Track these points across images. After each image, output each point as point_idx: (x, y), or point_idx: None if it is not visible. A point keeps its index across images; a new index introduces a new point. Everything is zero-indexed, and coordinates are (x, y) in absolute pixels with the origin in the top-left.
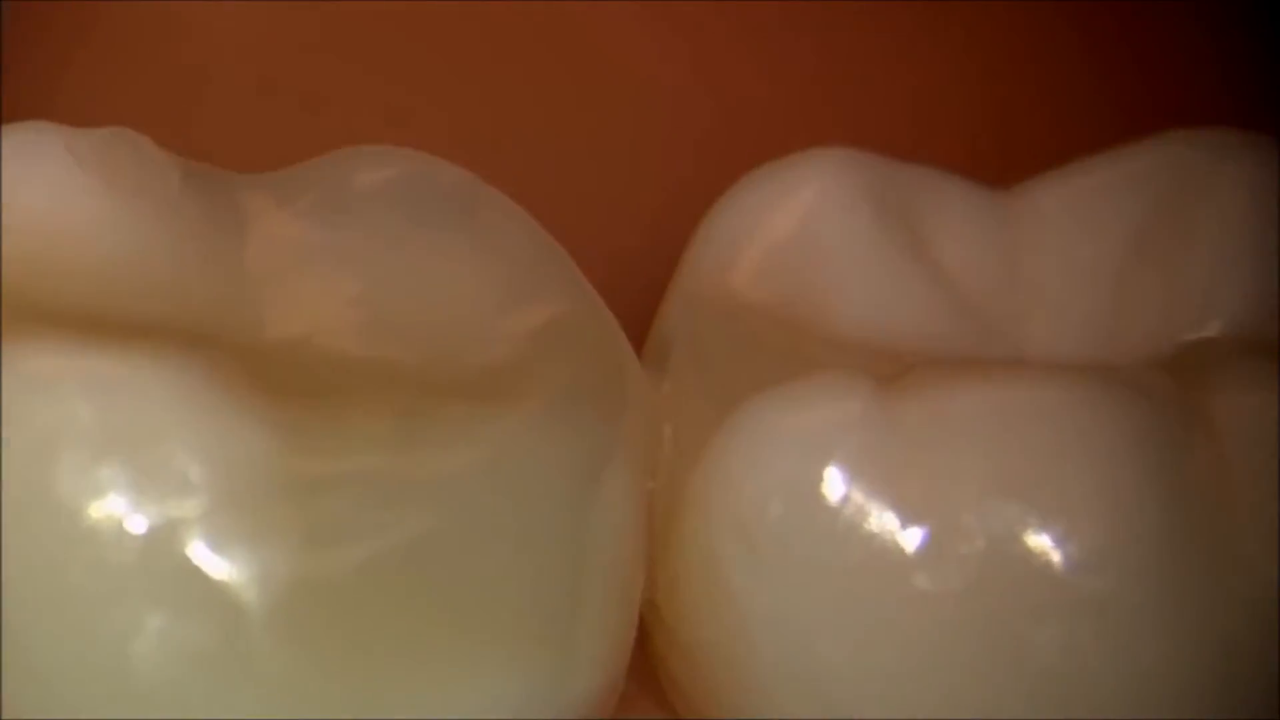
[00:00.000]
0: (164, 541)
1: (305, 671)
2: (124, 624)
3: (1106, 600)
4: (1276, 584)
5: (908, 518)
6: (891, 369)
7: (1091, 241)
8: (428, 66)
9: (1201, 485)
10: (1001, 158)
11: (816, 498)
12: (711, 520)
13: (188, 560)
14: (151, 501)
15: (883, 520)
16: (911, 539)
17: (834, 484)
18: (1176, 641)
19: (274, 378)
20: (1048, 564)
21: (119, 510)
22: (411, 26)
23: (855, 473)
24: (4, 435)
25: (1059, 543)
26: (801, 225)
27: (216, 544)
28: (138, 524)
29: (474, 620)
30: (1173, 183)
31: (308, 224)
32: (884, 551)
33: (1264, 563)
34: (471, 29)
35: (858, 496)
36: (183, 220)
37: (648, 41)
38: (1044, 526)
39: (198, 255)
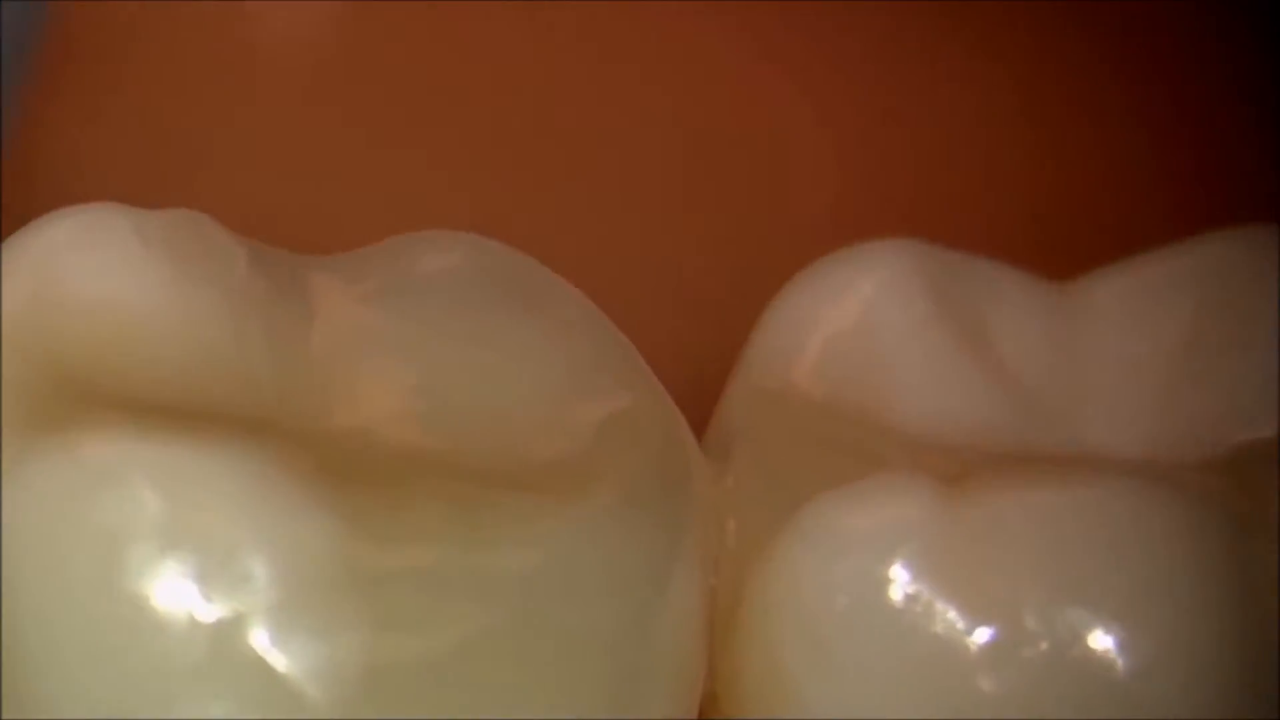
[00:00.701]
0: (229, 634)
1: None
2: (190, 717)
3: (1166, 707)
4: None
5: (972, 618)
6: (953, 466)
7: (1145, 339)
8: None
9: (1262, 590)
10: (1063, 246)
11: (881, 596)
12: (774, 616)
13: (253, 653)
14: (217, 594)
15: (947, 620)
16: (976, 640)
17: (898, 583)
18: None
19: (337, 466)
20: (1109, 668)
21: (185, 603)
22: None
23: (919, 572)
24: (69, 526)
25: (1120, 647)
26: (861, 318)
27: (282, 636)
28: (204, 616)
29: (533, 715)
30: (1225, 281)
31: (372, 309)
32: (948, 652)
33: None
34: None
35: (922, 596)
36: (249, 304)
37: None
38: (1106, 630)
39: (263, 340)
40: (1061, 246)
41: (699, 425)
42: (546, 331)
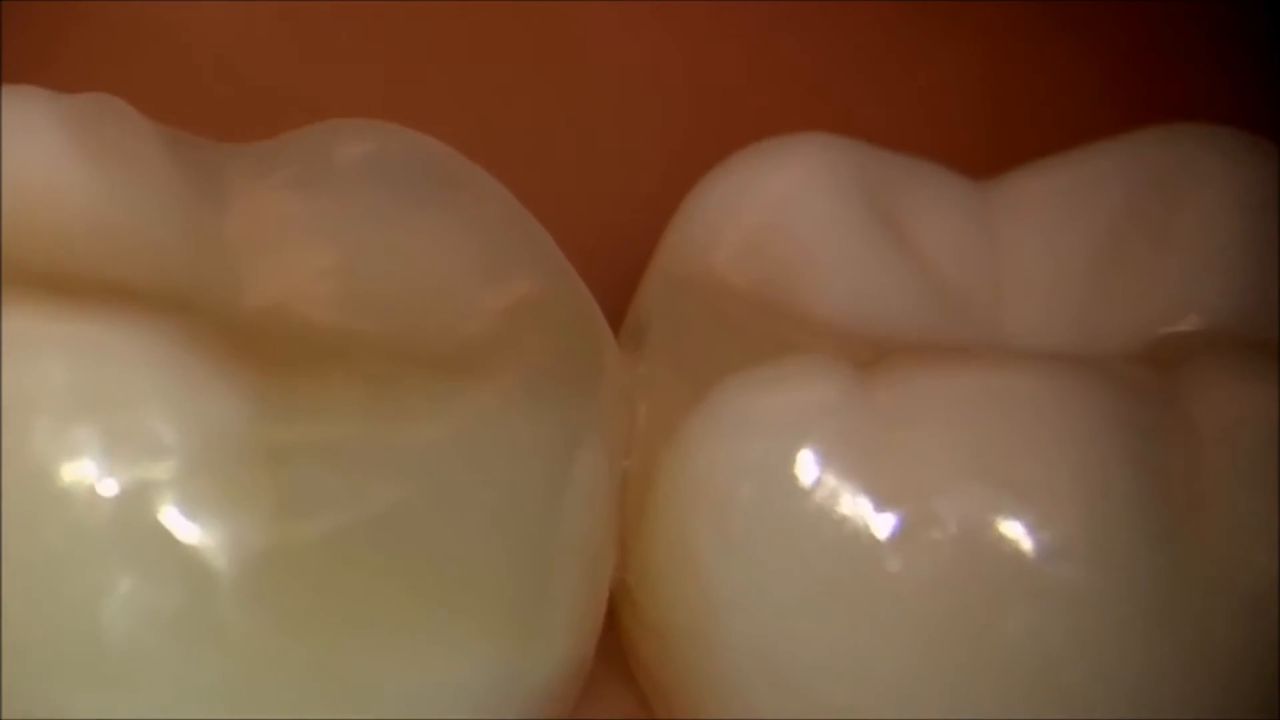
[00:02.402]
0: (136, 505)
1: (272, 639)
2: (94, 586)
3: (1077, 590)
4: (1245, 579)
5: (881, 502)
6: (869, 354)
7: (1070, 233)
8: (410, 52)
9: (1177, 478)
10: (991, 151)
11: (790, 480)
12: (684, 500)
13: (159, 524)
14: (124, 464)
15: (856, 504)
16: (884, 523)
17: (808, 467)
18: (1147, 634)
19: (250, 345)
20: (1019, 551)
21: (91, 473)
22: (393, 17)
23: (830, 456)
24: None
25: (1031, 530)
26: (782, 208)
27: (188, 508)
28: (109, 486)
29: (442, 594)
30: (1152, 177)
31: (288, 195)
32: (856, 535)
33: (1238, 558)
34: (455, 17)
35: (831, 480)
36: (164, 188)
37: (632, 28)
38: (1017, 513)
39: (178, 222)
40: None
41: (618, 319)
42: (461, 218)
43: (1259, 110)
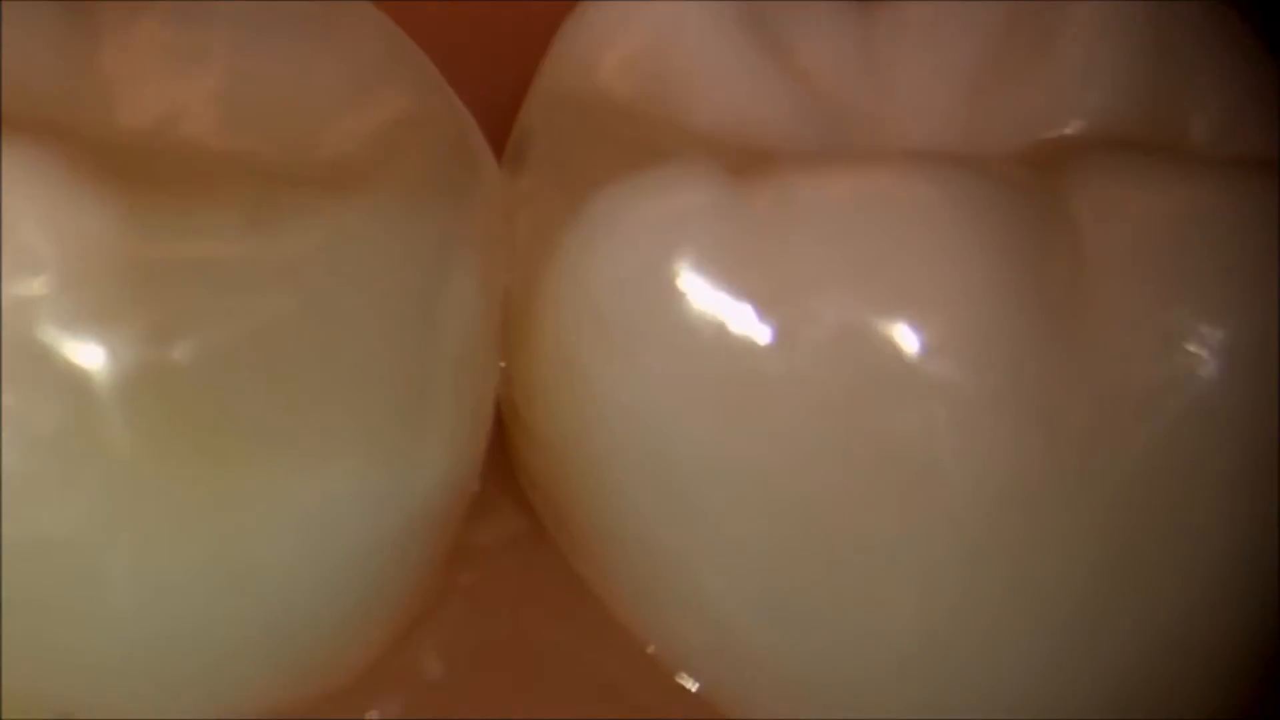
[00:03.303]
0: (12, 321)
1: (153, 455)
2: None
3: (958, 386)
4: (1126, 378)
5: (760, 305)
6: (747, 161)
7: (952, 44)
8: None
9: (1059, 276)
10: None
11: (668, 285)
12: (565, 312)
13: (36, 340)
14: None
15: (735, 308)
16: (762, 325)
17: (683, 272)
18: (1027, 430)
19: (124, 166)
20: (898, 350)
21: None
22: None
23: (705, 259)
24: None
25: (911, 329)
26: (662, 25)
27: (65, 325)
28: None
29: (321, 406)
30: None
31: (164, 23)
32: (736, 339)
33: (1114, 356)
34: None
35: (707, 284)
36: (36, 18)
37: None
38: (896, 313)
39: (51, 52)
40: None
41: (501, 140)
42: (336, 39)
43: None
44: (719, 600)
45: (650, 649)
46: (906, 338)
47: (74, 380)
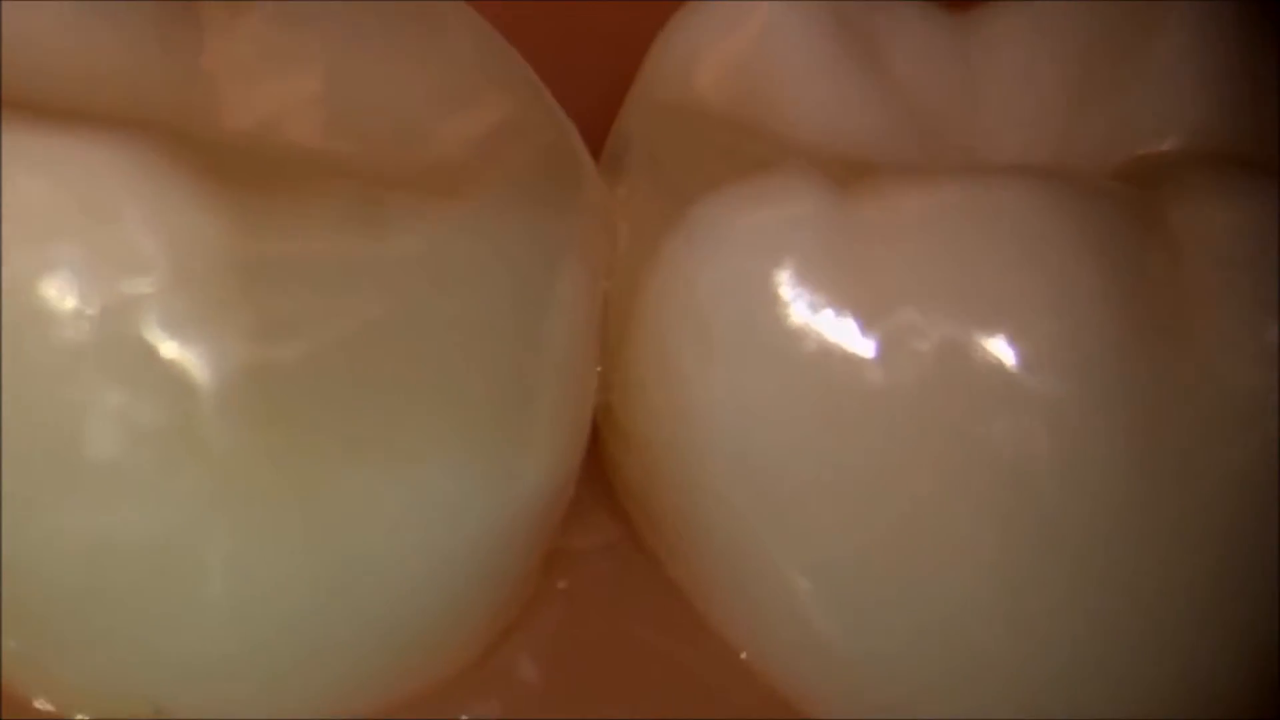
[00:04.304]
0: (118, 319)
1: (254, 453)
2: (78, 401)
3: (1058, 399)
4: (1227, 390)
5: (861, 315)
6: (846, 173)
7: (1046, 60)
8: None
9: (1156, 289)
10: None
11: (769, 294)
12: (666, 318)
13: (141, 339)
14: (104, 279)
15: (836, 317)
16: (864, 335)
17: (786, 281)
18: (1126, 444)
19: (228, 164)
20: (998, 361)
21: (72, 288)
22: None
23: (809, 270)
24: None
25: (1010, 342)
26: (761, 34)
27: (170, 324)
28: (91, 301)
29: (422, 409)
30: (1125, 2)
31: (267, 25)
32: (836, 347)
33: (1215, 369)
34: None
35: (810, 293)
36: (140, 17)
37: None
38: (995, 325)
39: (154, 51)
40: None
41: (599, 146)
42: (437, 45)
43: None
44: (811, 607)
45: (743, 654)
46: (1006, 350)
47: (177, 379)
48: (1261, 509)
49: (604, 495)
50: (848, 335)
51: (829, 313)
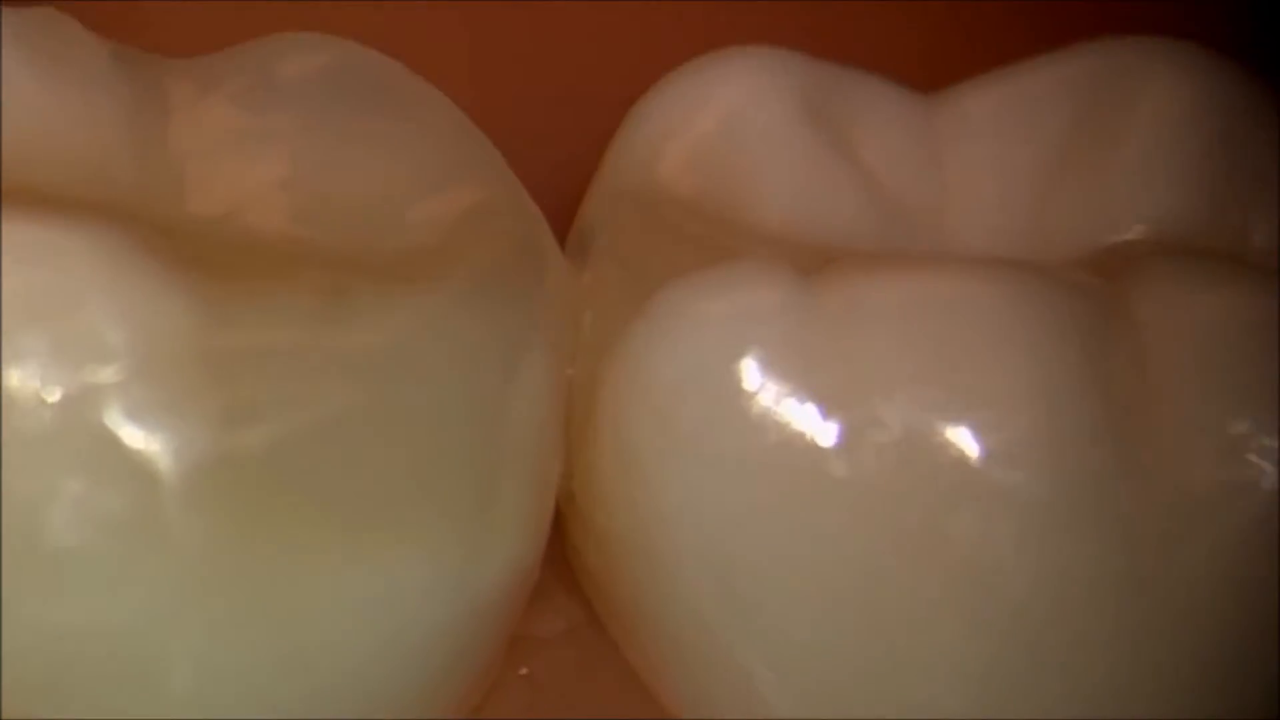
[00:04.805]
0: (81, 409)
1: (219, 543)
2: (39, 490)
3: (1022, 493)
4: (1190, 483)
5: (824, 406)
6: (813, 261)
7: (1016, 144)
8: None
9: (1121, 382)
10: (928, 68)
11: (731, 385)
12: (628, 407)
13: (104, 428)
14: (69, 368)
15: (800, 408)
16: (828, 427)
17: (751, 372)
18: (1092, 537)
19: (196, 252)
20: (963, 455)
21: (36, 376)
22: None
23: (772, 361)
24: None
25: (975, 434)
26: (726, 121)
27: (133, 413)
28: (54, 391)
29: (388, 498)
30: (1099, 88)
31: (235, 108)
32: (800, 439)
33: (1178, 462)
34: None
35: (774, 384)
36: (108, 100)
37: None
38: (961, 417)
39: (121, 134)
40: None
41: (563, 231)
42: (406, 130)
43: (1199, 24)
44: (773, 699)
45: None
46: (970, 443)
47: (141, 468)
48: (1229, 603)
49: (566, 579)
50: (811, 426)
51: (792, 403)
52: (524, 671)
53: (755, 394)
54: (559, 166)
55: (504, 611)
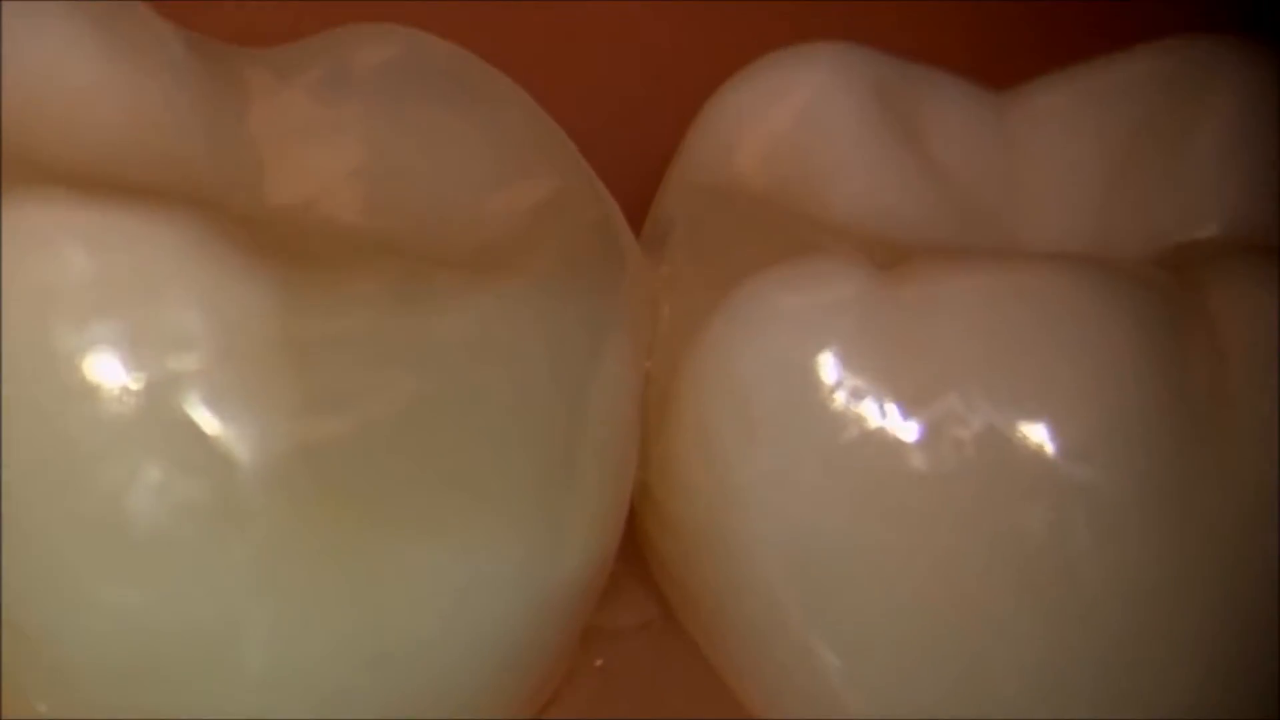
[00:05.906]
0: (162, 396)
1: (296, 530)
2: (120, 477)
3: (1096, 488)
4: (1268, 480)
5: (903, 399)
6: (887, 256)
7: (1087, 143)
8: None
9: (1199, 379)
10: (999, 64)
11: (812, 378)
12: (707, 399)
13: (185, 415)
14: (150, 356)
15: (878, 401)
16: (906, 421)
17: (829, 365)
18: (1166, 535)
19: (274, 241)
20: (1040, 449)
21: (117, 364)
22: None
23: (851, 354)
24: (2, 289)
25: (1051, 429)
26: (801, 115)
27: (214, 400)
28: (136, 378)
29: (465, 487)
30: (1170, 87)
31: (311, 98)
32: (879, 432)
33: (1256, 458)
34: None
35: (853, 378)
36: (184, 89)
37: None
38: (1038, 413)
39: (199, 123)
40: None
41: (637, 225)
42: (481, 120)
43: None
44: (846, 690)
45: None
46: (1046, 438)
47: (221, 455)
48: None
49: (640, 573)
50: (889, 420)
51: (871, 398)
52: (599, 663)
53: (835, 387)
54: (632, 160)
55: (580, 602)
